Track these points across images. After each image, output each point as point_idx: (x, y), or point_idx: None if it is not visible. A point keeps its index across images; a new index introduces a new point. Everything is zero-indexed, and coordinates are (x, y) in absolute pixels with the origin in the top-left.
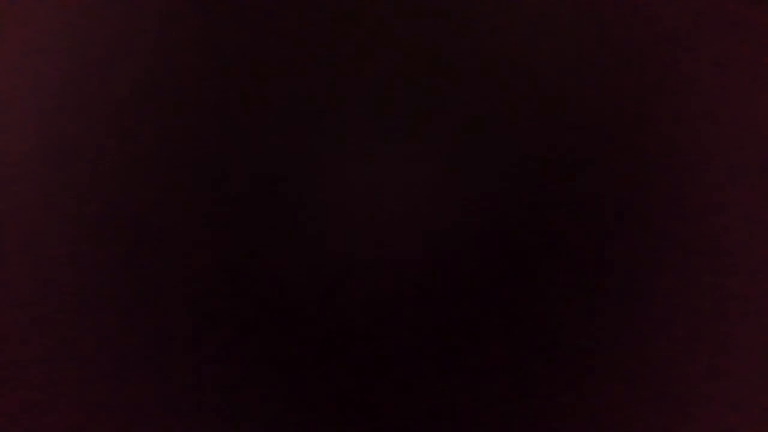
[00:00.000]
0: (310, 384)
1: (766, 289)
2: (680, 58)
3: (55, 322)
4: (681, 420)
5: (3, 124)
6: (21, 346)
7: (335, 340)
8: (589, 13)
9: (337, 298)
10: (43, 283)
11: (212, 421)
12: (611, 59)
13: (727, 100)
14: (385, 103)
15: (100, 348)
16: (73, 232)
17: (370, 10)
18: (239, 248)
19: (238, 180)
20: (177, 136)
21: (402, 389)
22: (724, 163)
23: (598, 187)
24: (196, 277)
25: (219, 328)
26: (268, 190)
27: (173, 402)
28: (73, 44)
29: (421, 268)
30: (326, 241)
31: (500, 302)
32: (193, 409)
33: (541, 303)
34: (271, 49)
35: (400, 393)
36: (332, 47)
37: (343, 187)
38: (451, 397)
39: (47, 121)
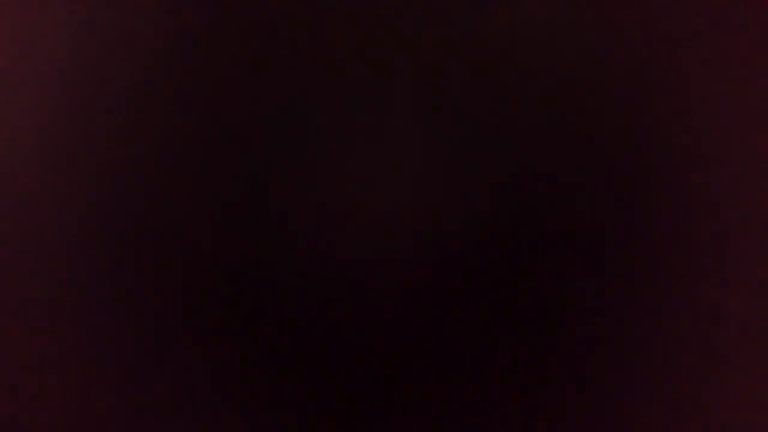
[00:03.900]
0: (311, 384)
1: (766, 289)
2: (679, 58)
3: (55, 322)
4: (681, 420)
5: (2, 124)
6: (21, 347)
7: (336, 341)
8: (589, 13)
9: (338, 298)
10: (43, 284)
11: (212, 421)
12: (610, 59)
13: (726, 101)
14: (385, 103)
15: (100, 348)
16: (73, 233)
17: (370, 10)
18: (240, 248)
19: (240, 180)
20: (177, 136)
21: (401, 389)
22: (724, 163)
23: (597, 187)
24: (196, 277)
25: (219, 329)
26: (270, 190)
27: (173, 403)
28: (73, 44)
29: (422, 268)
30: (328, 242)
31: (499, 303)
32: (193, 410)
33: (541, 304)
34: (271, 49)
35: (399, 393)
36: (332, 47)
37: (344, 187)
38: (451, 397)
39: (47, 121)
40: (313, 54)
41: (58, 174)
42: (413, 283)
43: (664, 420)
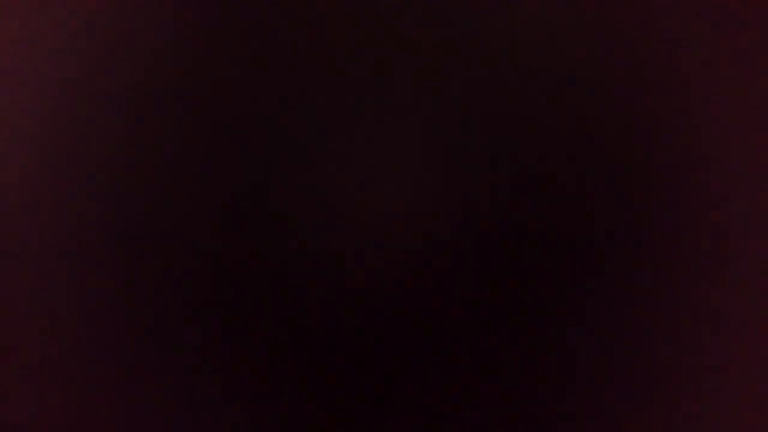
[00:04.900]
0: (311, 384)
1: (766, 289)
2: (679, 58)
3: (55, 322)
4: (681, 421)
5: (3, 125)
6: (21, 347)
7: (336, 340)
8: (589, 13)
9: (338, 297)
10: (43, 284)
11: (212, 421)
12: (610, 59)
13: (726, 101)
14: (385, 103)
15: (100, 349)
16: (73, 233)
17: (370, 10)
18: (240, 247)
19: (240, 180)
20: (177, 136)
21: (401, 389)
22: (724, 163)
23: (597, 187)
24: (196, 276)
25: (218, 328)
26: (270, 190)
27: (173, 403)
28: (73, 44)
29: (422, 268)
30: (327, 241)
31: (499, 302)
32: (193, 410)
33: (541, 304)
34: (271, 49)
35: (399, 393)
36: (332, 47)
37: (345, 187)
38: (450, 397)
39: (47, 121)
40: (313, 54)
41: (58, 174)
42: (413, 283)
43: (664, 420)
